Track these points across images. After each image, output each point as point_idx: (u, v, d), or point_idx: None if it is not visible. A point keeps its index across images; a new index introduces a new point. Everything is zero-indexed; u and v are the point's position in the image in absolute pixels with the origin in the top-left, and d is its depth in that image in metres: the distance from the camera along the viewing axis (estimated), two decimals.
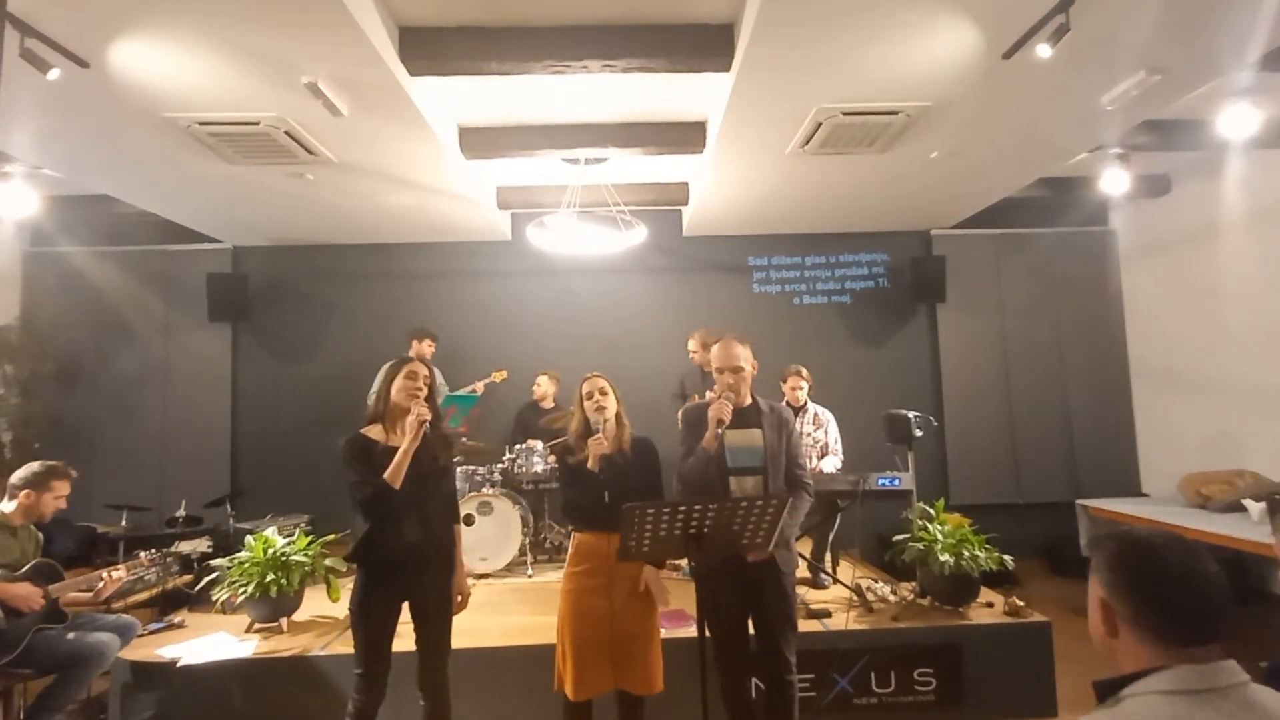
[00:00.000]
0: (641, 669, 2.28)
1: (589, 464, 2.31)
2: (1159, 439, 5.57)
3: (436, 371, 5.24)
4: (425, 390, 2.33)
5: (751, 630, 2.40)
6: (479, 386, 5.00)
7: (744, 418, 2.40)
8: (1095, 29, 2.74)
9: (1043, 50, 2.78)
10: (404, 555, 2.25)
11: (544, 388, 5.08)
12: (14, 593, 2.56)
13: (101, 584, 2.84)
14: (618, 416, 2.43)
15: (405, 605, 2.32)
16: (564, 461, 2.43)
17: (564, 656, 2.31)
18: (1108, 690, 0.97)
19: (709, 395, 4.04)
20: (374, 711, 2.26)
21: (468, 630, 3.13)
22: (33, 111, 3.23)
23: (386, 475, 2.19)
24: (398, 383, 2.32)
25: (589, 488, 2.33)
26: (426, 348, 4.94)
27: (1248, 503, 3.97)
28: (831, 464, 4.03)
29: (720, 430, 2.32)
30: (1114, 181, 4.48)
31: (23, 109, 3.19)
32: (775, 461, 2.39)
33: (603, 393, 2.40)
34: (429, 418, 2.24)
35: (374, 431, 2.33)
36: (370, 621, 2.25)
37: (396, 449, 2.24)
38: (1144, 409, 5.71)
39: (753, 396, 2.46)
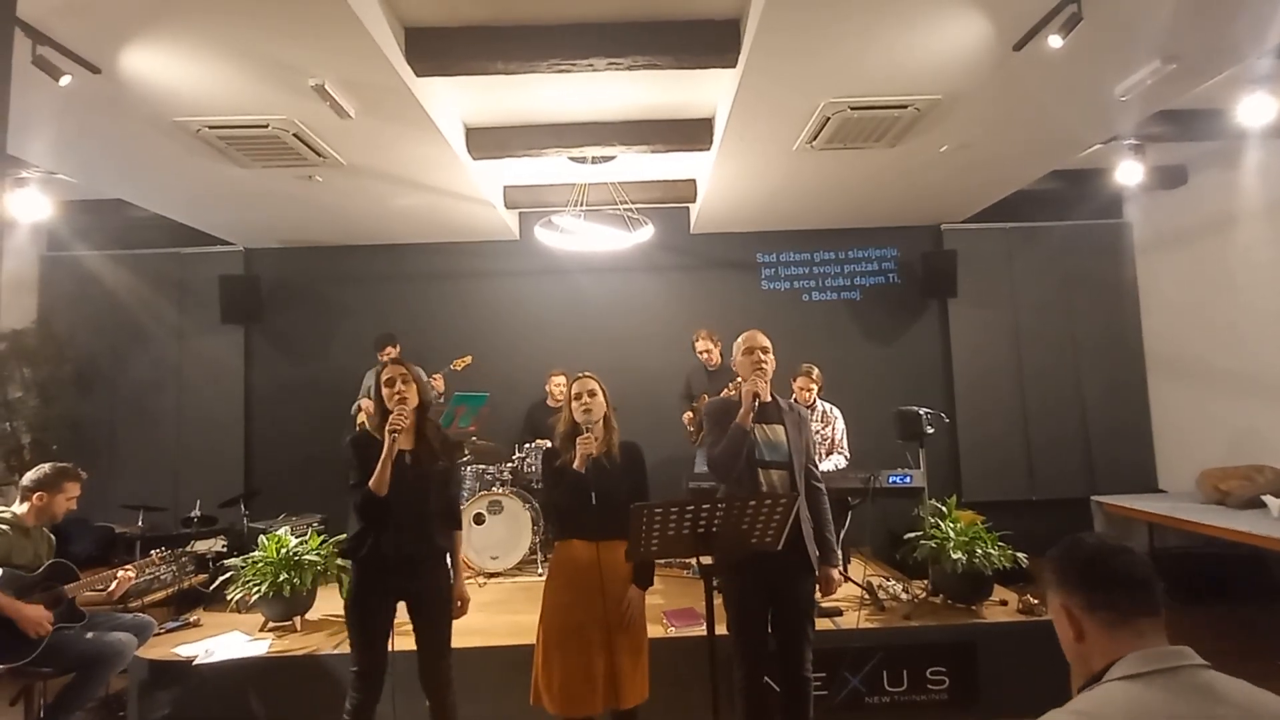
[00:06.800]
0: (630, 681, 2.23)
1: (575, 464, 2.26)
2: (1176, 434, 5.48)
3: (419, 370, 5.21)
4: (404, 393, 2.29)
5: (769, 629, 2.40)
6: (438, 380, 4.76)
7: (766, 414, 2.42)
8: (1108, 18, 2.69)
9: (1054, 40, 2.74)
10: (396, 556, 2.24)
11: (559, 388, 5.08)
12: (25, 614, 2.56)
13: (115, 583, 2.88)
14: (606, 419, 2.38)
15: (403, 606, 2.33)
16: (548, 463, 2.39)
17: (548, 674, 2.23)
18: (1085, 689, 1.05)
19: (731, 388, 4.04)
20: (370, 711, 2.26)
21: (478, 630, 3.15)
22: (46, 118, 3.27)
23: (371, 483, 2.20)
24: (384, 390, 2.33)
25: (574, 489, 2.26)
26: (390, 355, 4.88)
27: (1268, 498, 3.91)
28: (833, 462, 4.01)
29: (754, 404, 2.31)
30: (1128, 173, 4.41)
31: (37, 116, 3.22)
32: (798, 457, 2.41)
33: (591, 394, 2.36)
34: (397, 428, 2.21)
35: (380, 432, 2.33)
36: (362, 619, 2.26)
37: (402, 451, 2.27)
38: (1160, 403, 5.62)
39: (772, 395, 2.47)
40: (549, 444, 4.47)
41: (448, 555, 2.40)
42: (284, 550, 3.32)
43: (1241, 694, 0.94)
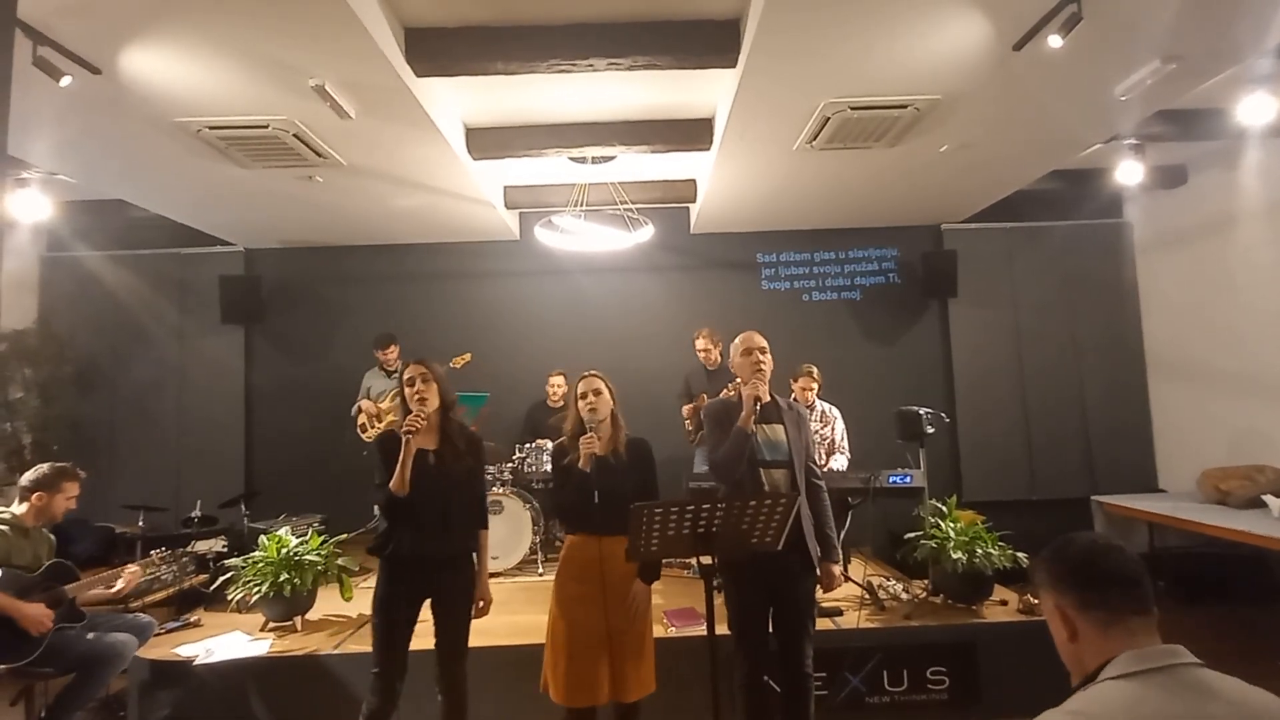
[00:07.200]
0: (635, 676, 2.26)
1: (580, 463, 2.29)
2: (1176, 434, 5.48)
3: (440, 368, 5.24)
4: (423, 393, 2.31)
5: (770, 627, 2.40)
6: None
7: (765, 413, 2.43)
8: (1108, 17, 2.69)
9: (1054, 40, 2.74)
10: (420, 555, 2.26)
11: (558, 388, 5.09)
12: (25, 612, 2.56)
13: (122, 581, 2.88)
14: (613, 417, 2.39)
15: (427, 604, 2.35)
16: (556, 462, 2.42)
17: (554, 664, 2.29)
18: (1080, 689, 1.05)
19: (730, 390, 4.05)
20: (387, 717, 2.25)
21: (479, 629, 3.14)
22: (47, 119, 3.27)
23: (391, 484, 2.21)
24: (405, 390, 2.34)
25: (579, 488, 2.30)
26: (390, 355, 4.93)
27: (1268, 498, 3.92)
28: (839, 462, 4.01)
29: (756, 407, 2.33)
30: (1129, 173, 4.41)
31: (37, 116, 3.23)
32: (799, 456, 2.42)
33: (596, 393, 2.37)
34: (413, 429, 2.22)
35: None
36: (384, 617, 2.27)
37: (425, 451, 2.29)
38: (1161, 403, 5.62)
39: (771, 394, 2.48)
40: (549, 444, 4.52)
41: (473, 554, 2.41)
42: (284, 550, 3.32)
43: (1235, 692, 0.95)
